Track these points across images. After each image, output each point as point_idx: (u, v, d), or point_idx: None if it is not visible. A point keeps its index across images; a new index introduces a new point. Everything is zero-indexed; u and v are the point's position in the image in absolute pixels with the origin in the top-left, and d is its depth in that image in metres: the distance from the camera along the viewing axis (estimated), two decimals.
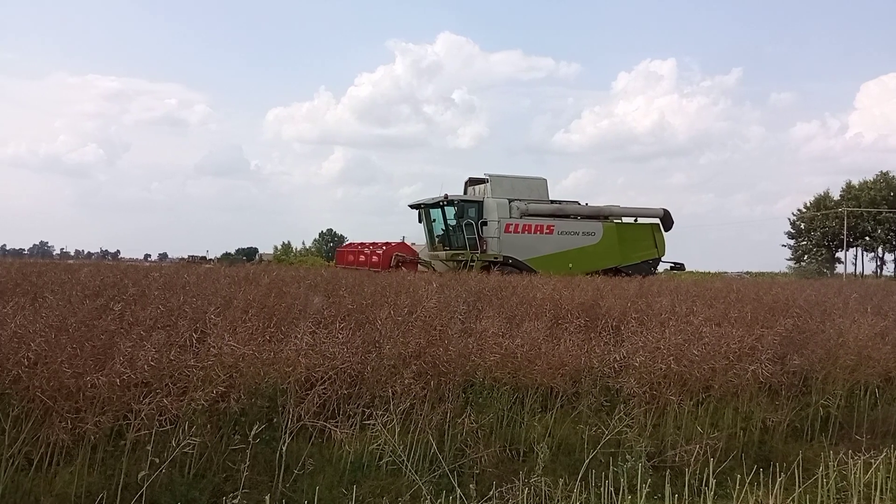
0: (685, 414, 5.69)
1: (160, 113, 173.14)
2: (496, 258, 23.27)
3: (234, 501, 3.73)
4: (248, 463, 4.19)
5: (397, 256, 23.05)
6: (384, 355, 5.54)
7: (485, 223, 23.84)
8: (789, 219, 71.90)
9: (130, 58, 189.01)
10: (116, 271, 12.09)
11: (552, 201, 26.11)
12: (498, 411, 5.49)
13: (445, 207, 24.59)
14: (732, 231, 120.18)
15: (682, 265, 28.44)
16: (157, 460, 4.03)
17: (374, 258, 23.61)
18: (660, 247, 26.83)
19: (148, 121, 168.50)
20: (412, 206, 26.72)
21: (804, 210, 70.57)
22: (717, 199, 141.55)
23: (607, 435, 5.01)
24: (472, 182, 26.36)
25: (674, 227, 27.39)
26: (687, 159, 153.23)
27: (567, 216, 25.69)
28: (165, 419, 4.30)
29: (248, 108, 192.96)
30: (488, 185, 25.22)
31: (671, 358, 5.72)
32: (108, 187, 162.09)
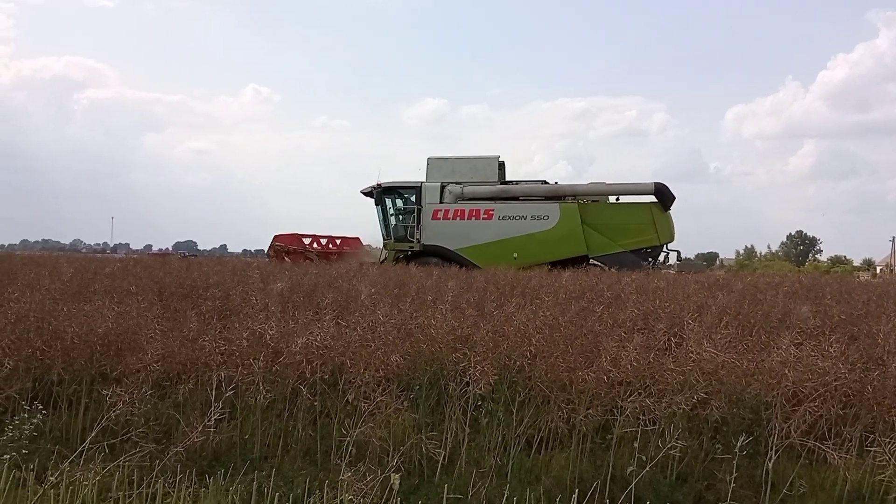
0: None
1: (622, 126, 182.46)
2: (412, 248, 21.15)
3: None
4: (733, 474, 4.05)
5: (275, 246, 21.35)
6: (889, 374, 4.78)
7: (420, 210, 21.52)
8: None
9: (593, 78, 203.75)
10: (591, 275, 13.11)
11: (506, 182, 22.01)
12: None
13: (379, 196, 22.35)
14: None
15: (679, 252, 21.23)
16: (644, 458, 4.19)
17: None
18: (661, 231, 20.56)
19: (610, 134, 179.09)
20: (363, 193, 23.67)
21: None
22: None
23: None
24: None
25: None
26: None
27: (513, 198, 21.61)
28: (648, 419, 4.46)
29: (706, 111, 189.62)
30: (426, 169, 22.37)
31: None
32: None
